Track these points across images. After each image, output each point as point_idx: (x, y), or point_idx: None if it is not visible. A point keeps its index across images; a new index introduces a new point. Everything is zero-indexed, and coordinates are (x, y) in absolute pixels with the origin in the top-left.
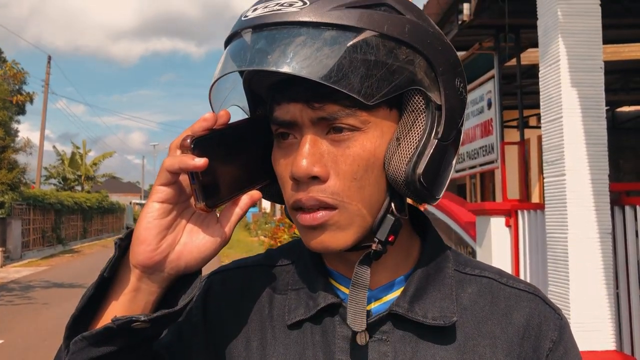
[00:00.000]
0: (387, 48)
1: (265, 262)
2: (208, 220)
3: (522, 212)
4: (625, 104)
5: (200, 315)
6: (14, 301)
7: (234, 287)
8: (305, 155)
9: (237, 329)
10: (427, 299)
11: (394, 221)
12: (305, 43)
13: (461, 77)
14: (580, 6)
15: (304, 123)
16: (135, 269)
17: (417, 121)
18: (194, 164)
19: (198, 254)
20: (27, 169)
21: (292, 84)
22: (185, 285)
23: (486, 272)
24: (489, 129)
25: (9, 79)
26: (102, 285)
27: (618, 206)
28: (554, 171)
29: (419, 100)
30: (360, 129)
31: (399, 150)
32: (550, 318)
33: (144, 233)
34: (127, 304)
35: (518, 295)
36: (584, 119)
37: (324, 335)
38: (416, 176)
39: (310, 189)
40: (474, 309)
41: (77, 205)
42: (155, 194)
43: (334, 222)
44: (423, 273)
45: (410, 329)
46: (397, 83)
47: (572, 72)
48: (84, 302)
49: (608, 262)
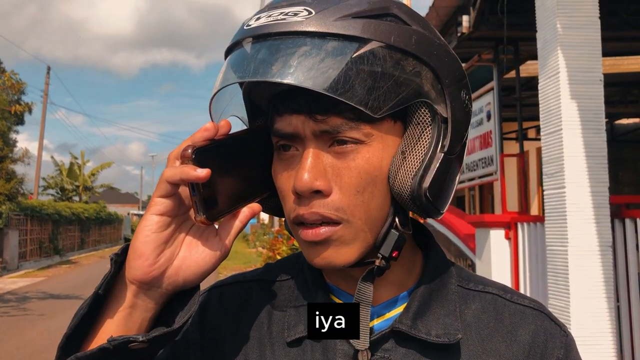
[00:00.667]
0: (394, 59)
1: (264, 277)
2: (207, 233)
3: (522, 224)
4: (623, 117)
5: (197, 331)
6: (10, 312)
7: (232, 303)
8: (307, 169)
9: (235, 346)
10: (431, 316)
11: (397, 236)
12: (310, 53)
13: (466, 89)
14: (579, 19)
15: (306, 135)
16: (131, 284)
17: (424, 134)
18: (196, 175)
19: (197, 269)
20: (25, 180)
21: (295, 95)
22: (183, 301)
23: (490, 287)
24: (488, 140)
25: (7, 89)
26: (96, 302)
27: (618, 219)
28: (554, 184)
29: (425, 113)
30: (364, 142)
31: (405, 164)
32: (556, 335)
33: (142, 247)
34: (122, 321)
35: (523, 311)
36: (584, 131)
37: (324, 353)
38: (422, 190)
39: (312, 203)
40: (478, 326)
41: (74, 215)
42: (154, 206)
43: (338, 237)
44: (426, 289)
45: (414, 346)
46: (404, 95)
47: (571, 85)
48: (77, 321)
49: (609, 275)
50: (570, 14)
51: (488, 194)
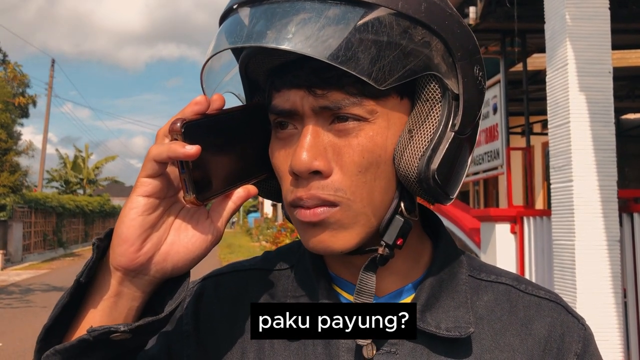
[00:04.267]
0: (402, 27)
1: (262, 266)
2: (197, 215)
3: (528, 218)
4: (630, 112)
5: (191, 323)
6: (13, 304)
7: (229, 293)
8: (306, 148)
9: (232, 339)
10: (440, 308)
11: (402, 223)
12: (310, 19)
13: (480, 65)
14: (589, 9)
15: (305, 112)
16: (116, 271)
17: (433, 111)
18: (184, 152)
19: (186, 254)
20: (30, 172)
21: (293, 68)
22: (173, 289)
23: (503, 277)
24: (494, 134)
25: (11, 81)
26: (78, 291)
27: (626, 213)
28: (561, 177)
29: (435, 88)
30: (367, 119)
31: (412, 143)
32: (573, 329)
33: (127, 231)
34: (107, 310)
35: (538, 303)
36: (592, 124)
37: (326, 347)
38: (430, 172)
39: (311, 185)
40: (490, 318)
41: (78, 208)
42: (140, 187)
43: (336, 219)
44: (435, 279)
45: (422, 340)
46: (412, 67)
47: (580, 77)
48: (57, 311)
49: (616, 270)
50: (579, 4)
51: (493, 189)
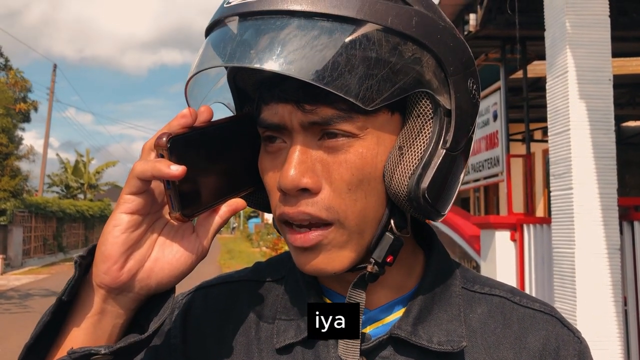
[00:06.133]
0: (391, 44)
1: (252, 277)
2: (182, 230)
3: (528, 226)
4: (631, 119)
5: (179, 337)
6: (12, 309)
7: (218, 305)
8: (293, 165)
9: (220, 352)
10: (433, 321)
11: (392, 240)
12: (295, 36)
13: (474, 78)
14: (589, 17)
15: (293, 127)
16: (99, 289)
17: (424, 129)
18: (168, 172)
19: (171, 271)
20: (30, 177)
21: (281, 81)
22: (158, 305)
23: (497, 290)
24: (494, 141)
25: (12, 86)
26: (60, 308)
27: (627, 221)
28: (561, 185)
29: (426, 104)
30: (357, 135)
31: (402, 161)
32: (569, 342)
33: (110, 249)
34: (90, 328)
35: (533, 316)
36: (592, 131)
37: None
38: (420, 191)
39: (299, 202)
40: (484, 331)
41: (79, 213)
42: (123, 204)
43: (329, 240)
44: (428, 292)
45: (414, 354)
46: (401, 85)
47: (580, 84)
48: (39, 329)
49: (616, 278)
50: (579, 12)
51: (493, 196)
